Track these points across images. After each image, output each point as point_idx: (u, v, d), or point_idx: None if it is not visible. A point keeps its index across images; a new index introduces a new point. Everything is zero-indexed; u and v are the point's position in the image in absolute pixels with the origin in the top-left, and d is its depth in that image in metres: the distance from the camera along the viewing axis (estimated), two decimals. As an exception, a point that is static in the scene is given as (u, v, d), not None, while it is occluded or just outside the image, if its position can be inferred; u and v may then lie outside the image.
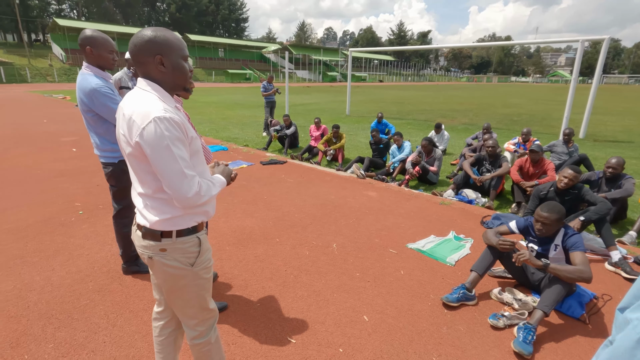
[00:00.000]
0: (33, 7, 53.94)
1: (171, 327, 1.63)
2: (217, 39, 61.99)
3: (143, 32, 1.25)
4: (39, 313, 2.38)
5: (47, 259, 3.06)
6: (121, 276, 2.83)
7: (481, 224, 4.01)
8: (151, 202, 1.31)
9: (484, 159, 5.07)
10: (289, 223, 3.92)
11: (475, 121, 13.41)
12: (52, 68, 39.54)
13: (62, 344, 2.11)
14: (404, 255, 3.26)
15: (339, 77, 67.99)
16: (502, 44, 13.78)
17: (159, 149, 1.19)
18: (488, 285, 2.83)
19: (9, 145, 7.62)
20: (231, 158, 6.83)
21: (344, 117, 13.97)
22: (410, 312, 2.48)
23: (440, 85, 61.25)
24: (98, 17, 61.72)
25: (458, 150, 7.88)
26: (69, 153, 6.99)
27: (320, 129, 7.57)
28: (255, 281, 2.81)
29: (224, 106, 17.38)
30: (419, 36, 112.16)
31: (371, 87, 45.30)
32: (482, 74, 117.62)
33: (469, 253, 3.32)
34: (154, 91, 1.27)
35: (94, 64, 2.44)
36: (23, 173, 5.59)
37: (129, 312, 2.41)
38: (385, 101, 23.07)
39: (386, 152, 6.48)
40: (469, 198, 4.78)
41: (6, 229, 3.61)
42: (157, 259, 1.34)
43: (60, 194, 4.66)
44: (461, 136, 9.78)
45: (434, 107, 19.43)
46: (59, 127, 10.05)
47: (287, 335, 2.23)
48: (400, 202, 4.66)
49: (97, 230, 3.64)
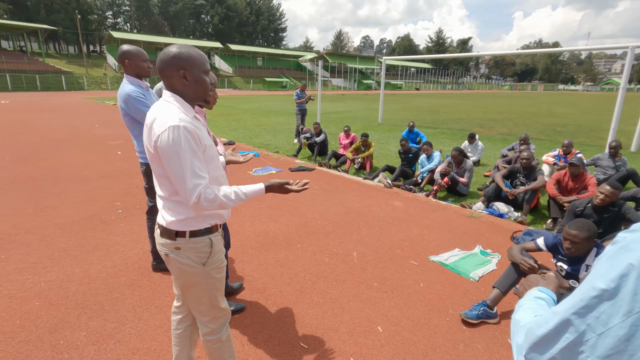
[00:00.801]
0: (92, 21, 58.87)
1: (187, 322, 1.73)
2: (256, 48, 64.17)
3: (169, 49, 1.37)
4: (76, 303, 2.59)
5: (87, 253, 3.33)
6: (150, 273, 3.01)
7: (511, 240, 3.84)
8: (168, 203, 1.42)
9: (518, 172, 4.85)
10: (312, 229, 3.97)
11: (514, 131, 12.82)
12: (106, 77, 42.77)
13: (93, 332, 2.29)
14: (425, 268, 3.20)
15: (374, 85, 67.75)
16: (550, 50, 13.12)
17: (170, 154, 1.30)
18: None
19: (65, 146, 8.35)
20: (261, 164, 7.03)
21: (376, 125, 13.90)
22: (426, 326, 2.43)
23: (480, 94, 59.16)
24: (148, 29, 66.15)
25: (493, 162, 7.58)
26: (115, 155, 7.53)
27: (349, 137, 7.60)
28: (274, 285, 2.88)
29: (260, 113, 17.91)
30: (458, 43, 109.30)
31: (406, 95, 44.69)
32: (526, 82, 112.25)
33: (495, 269, 3.19)
34: (176, 102, 1.39)
35: (132, 74, 2.68)
36: (74, 172, 6.10)
37: (154, 307, 2.56)
38: (419, 109, 22.66)
39: (415, 161, 6.38)
40: (500, 212, 4.59)
41: (56, 224, 3.97)
42: (172, 257, 1.45)
43: (103, 193, 5.03)
44: (497, 147, 9.39)
45: (470, 115, 18.81)
46: (108, 131, 10.85)
47: (300, 340, 2.27)
48: (426, 213, 4.57)
49: (133, 228, 3.89)
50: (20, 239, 3.57)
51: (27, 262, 3.13)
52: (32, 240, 3.55)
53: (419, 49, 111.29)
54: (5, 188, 5.19)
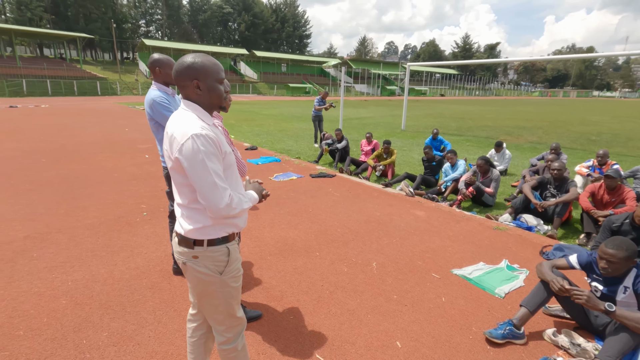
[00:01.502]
0: (126, 29, 61.72)
1: (202, 330, 1.73)
2: (280, 54, 65.20)
3: (184, 59, 1.39)
4: (100, 303, 2.66)
5: (113, 254, 3.43)
6: (171, 276, 3.06)
7: (540, 255, 3.65)
8: (187, 211, 1.43)
9: (548, 182, 4.63)
10: (331, 237, 3.93)
11: (545, 139, 12.31)
12: (137, 82, 44.60)
13: (114, 333, 2.34)
14: (447, 281, 3.09)
15: (397, 91, 67.19)
16: (584, 56, 12.55)
17: (194, 162, 1.30)
18: (541, 324, 2.55)
19: (98, 149, 8.73)
20: (282, 169, 7.07)
21: (398, 132, 13.72)
22: (448, 344, 2.33)
23: (508, 100, 57.42)
24: (178, 37, 68.59)
25: (521, 171, 7.28)
26: (143, 159, 7.78)
27: (371, 143, 7.53)
28: (291, 293, 2.86)
29: (282, 119, 18.10)
30: (486, 49, 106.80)
31: (431, 102, 44.00)
32: (557, 88, 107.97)
33: (523, 286, 3.04)
34: (194, 111, 1.41)
35: (161, 81, 2.77)
36: (105, 175, 6.35)
37: (173, 311, 2.59)
38: (444, 116, 22.22)
39: (439, 170, 6.23)
40: (529, 224, 4.38)
41: (85, 224, 4.12)
42: (190, 265, 1.45)
43: (130, 196, 5.20)
44: (526, 156, 9.04)
45: (497, 123, 18.25)
46: (137, 135, 11.26)
47: (315, 352, 2.23)
48: (450, 223, 4.43)
49: (157, 231, 3.99)
50: (52, 238, 3.73)
51: (56, 261, 3.26)
52: (62, 240, 3.70)
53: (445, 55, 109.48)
54: (41, 189, 5.46)
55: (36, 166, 6.89)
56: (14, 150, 8.38)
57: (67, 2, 51.42)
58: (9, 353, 2.15)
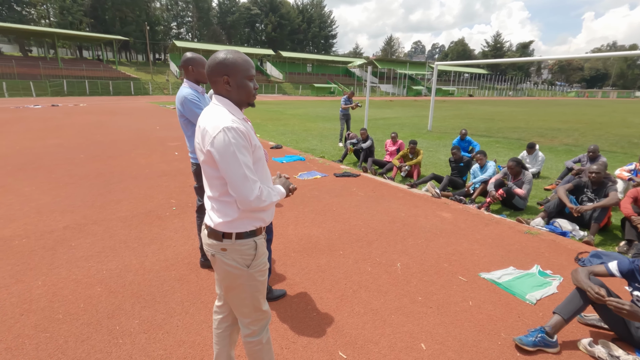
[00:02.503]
0: (159, 32, 64.07)
1: (228, 322, 1.76)
2: (306, 55, 65.61)
3: (216, 55, 1.43)
4: (132, 292, 2.78)
5: (144, 246, 3.57)
6: (198, 269, 3.15)
7: (575, 261, 3.47)
8: (217, 204, 1.46)
9: (586, 186, 4.40)
10: (355, 237, 3.91)
11: (581, 142, 11.71)
12: (168, 82, 46.21)
13: (145, 321, 2.44)
14: (474, 285, 3.00)
15: (424, 91, 65.94)
16: (627, 54, 11.82)
17: (226, 155, 1.34)
18: (576, 333, 2.43)
19: (131, 146, 9.12)
20: (307, 168, 7.11)
21: (424, 133, 13.47)
22: (475, 349, 2.26)
23: (541, 101, 55.07)
24: (207, 38, 70.47)
25: (554, 174, 6.97)
26: (172, 156, 8.05)
27: (396, 143, 7.44)
28: (314, 291, 2.87)
29: (307, 118, 18.20)
30: (518, 47, 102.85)
31: (459, 102, 42.90)
32: (596, 88, 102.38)
33: (556, 293, 2.90)
34: (225, 105, 1.44)
35: (192, 80, 2.85)
36: (137, 170, 6.62)
37: (200, 303, 2.66)
38: (472, 117, 21.60)
39: (467, 171, 6.06)
40: (563, 229, 4.18)
41: (119, 217, 4.31)
42: (218, 257, 1.49)
43: (161, 191, 5.39)
44: (560, 158, 8.63)
45: (530, 124, 17.53)
46: (168, 133, 11.66)
47: (338, 349, 2.23)
48: (478, 226, 4.30)
49: (185, 225, 4.11)
50: (88, 229, 3.93)
51: (92, 251, 3.43)
52: (97, 231, 3.89)
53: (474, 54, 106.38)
54: (80, 182, 5.76)
55: (75, 161, 7.28)
56: (56, 146, 8.90)
57: (105, 6, 53.99)
58: (49, 334, 2.28)
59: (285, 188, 1.65)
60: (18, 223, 4.06)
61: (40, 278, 2.93)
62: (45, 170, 6.53)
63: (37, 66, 39.96)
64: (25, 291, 2.75)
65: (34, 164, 7.01)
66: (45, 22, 53.91)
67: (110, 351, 2.16)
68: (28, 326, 2.36)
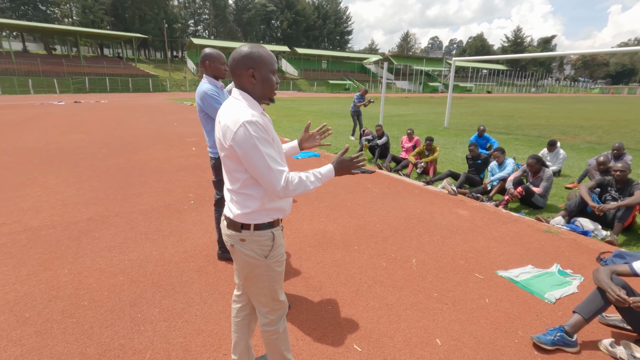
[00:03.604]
0: (177, 29, 65.11)
1: (246, 311, 1.81)
2: (321, 51, 65.50)
3: (241, 48, 1.45)
4: (152, 281, 2.87)
5: (163, 238, 3.67)
6: (216, 261, 3.22)
7: (597, 261, 3.38)
8: (237, 197, 1.50)
9: (609, 185, 4.27)
10: (370, 232, 3.92)
11: (605, 140, 11.32)
12: (185, 79, 46.96)
13: (165, 310, 2.51)
14: (491, 283, 2.96)
15: (440, 88, 64.86)
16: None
17: (248, 148, 1.36)
18: (597, 333, 2.38)
19: (150, 142, 9.34)
20: (321, 164, 7.11)
21: (441, 130, 13.28)
22: (491, 346, 2.24)
23: (563, 97, 53.40)
24: (224, 36, 71.20)
25: (576, 172, 6.78)
26: (190, 151, 8.21)
27: (412, 140, 7.37)
28: (329, 284, 2.89)
29: (322, 115, 18.20)
30: (539, 42, 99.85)
31: (476, 99, 42.04)
32: (622, 85, 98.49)
33: (576, 292, 2.84)
34: (244, 100, 1.47)
35: (211, 75, 2.90)
36: (157, 165, 6.78)
37: (217, 294, 2.73)
38: (491, 114, 21.14)
39: (484, 168, 5.96)
40: (584, 229, 4.07)
41: (139, 210, 4.44)
42: (237, 248, 1.53)
43: (179, 185, 5.51)
44: (583, 156, 8.38)
45: (551, 122, 17.04)
46: (185, 129, 11.87)
47: (353, 343, 2.25)
48: (495, 224, 4.24)
49: (203, 219, 4.20)
50: (111, 221, 4.06)
51: (115, 242, 3.55)
52: (119, 223, 4.02)
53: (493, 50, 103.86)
54: (102, 176, 5.95)
55: (97, 155, 7.51)
56: (79, 141, 9.20)
57: (125, 5, 55.21)
58: (75, 320, 2.39)
59: (339, 165, 1.56)
60: (45, 214, 4.24)
61: (67, 267, 3.06)
62: (69, 164, 6.76)
63: (61, 64, 41.25)
64: (52, 279, 2.87)
65: (59, 158, 7.28)
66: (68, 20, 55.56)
67: (132, 337, 2.24)
68: (56, 312, 2.47)
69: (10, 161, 6.95)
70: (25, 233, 3.71)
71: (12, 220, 4.03)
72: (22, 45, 50.76)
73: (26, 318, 2.40)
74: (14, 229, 3.82)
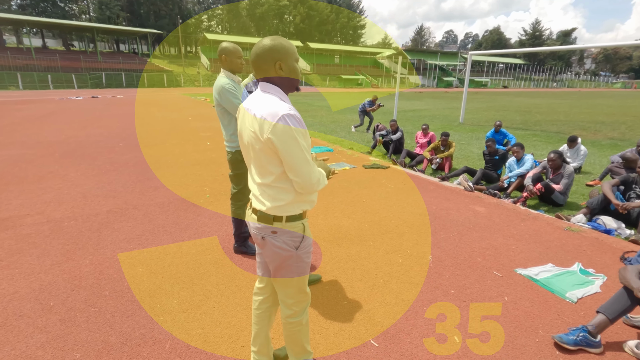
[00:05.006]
0: (191, 25, 65.63)
1: (268, 303, 1.82)
2: (334, 46, 65.14)
3: (263, 42, 1.44)
4: (171, 273, 2.91)
5: (180, 231, 3.72)
6: (232, 254, 3.25)
7: (621, 261, 3.28)
8: (269, 190, 1.50)
9: (634, 182, 4.13)
10: (385, 228, 3.89)
11: (628, 136, 10.95)
12: (199, 75, 47.38)
13: (183, 301, 2.56)
14: (510, 281, 2.91)
15: (455, 83, 63.79)
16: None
17: (288, 140, 1.37)
18: (621, 334, 2.31)
19: (166, 136, 9.47)
20: (335, 160, 7.11)
21: (456, 125, 13.07)
22: (511, 345, 2.21)
23: (583, 92, 51.87)
24: (237, 31, 71.39)
25: (597, 169, 6.58)
26: (205, 146, 8.29)
27: (427, 135, 7.27)
28: (345, 279, 2.89)
29: (335, 110, 18.12)
30: (559, 35, 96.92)
31: (492, 94, 41.20)
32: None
33: (599, 292, 2.76)
34: (275, 93, 1.46)
35: (227, 69, 2.91)
36: (172, 159, 6.88)
37: (234, 286, 2.75)
38: (507, 109, 20.69)
39: (502, 164, 5.84)
40: (607, 227, 3.96)
41: (157, 203, 4.51)
42: (269, 240, 1.54)
43: (195, 179, 5.58)
44: (604, 153, 8.13)
45: (570, 117, 16.58)
46: (200, 124, 11.99)
47: (370, 337, 2.24)
48: (514, 221, 4.15)
49: (218, 212, 4.24)
50: (129, 214, 4.14)
51: (133, 234, 3.62)
52: (138, 215, 4.09)
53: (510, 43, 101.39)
54: (120, 169, 6.07)
55: (115, 149, 7.66)
56: (97, 136, 9.40)
57: (140, 1, 55.89)
58: (98, 309, 2.45)
59: (326, 172, 1.68)
60: (67, 206, 4.35)
61: (88, 257, 3.14)
62: (88, 157, 6.92)
63: (79, 59, 42.12)
64: (75, 269, 2.95)
65: (78, 151, 7.45)
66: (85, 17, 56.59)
67: (153, 327, 2.29)
68: (79, 301, 2.54)
69: (32, 154, 7.15)
70: (48, 224, 3.82)
71: (36, 212, 4.16)
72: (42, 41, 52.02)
73: (51, 306, 2.47)
74: (37, 220, 3.93)
